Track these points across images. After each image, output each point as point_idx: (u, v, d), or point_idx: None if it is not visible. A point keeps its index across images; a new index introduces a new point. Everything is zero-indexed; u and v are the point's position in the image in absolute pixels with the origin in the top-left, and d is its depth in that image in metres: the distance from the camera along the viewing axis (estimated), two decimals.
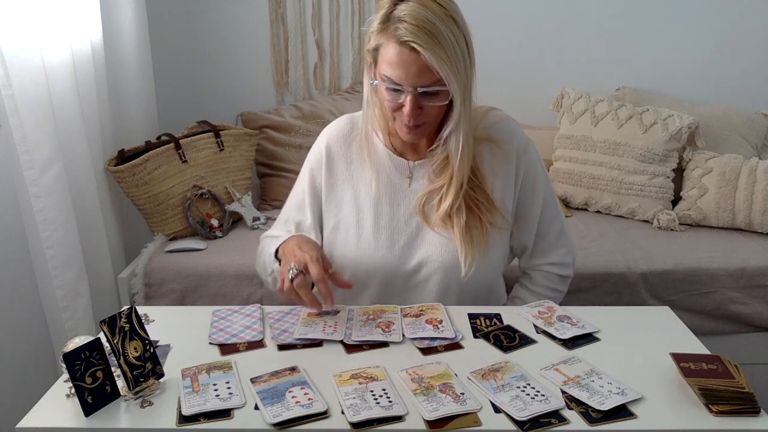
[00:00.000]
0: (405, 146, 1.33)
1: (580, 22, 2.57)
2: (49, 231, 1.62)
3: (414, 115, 1.17)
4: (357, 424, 0.89)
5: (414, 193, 1.31)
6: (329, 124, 1.40)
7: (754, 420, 0.91)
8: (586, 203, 2.33)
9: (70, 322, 1.70)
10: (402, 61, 1.13)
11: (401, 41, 1.12)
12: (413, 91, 1.15)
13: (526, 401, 0.94)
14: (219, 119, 2.36)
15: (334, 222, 1.34)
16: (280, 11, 2.54)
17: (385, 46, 1.16)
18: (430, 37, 1.11)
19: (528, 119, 2.62)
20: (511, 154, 1.30)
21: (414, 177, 1.32)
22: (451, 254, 1.27)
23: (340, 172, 1.35)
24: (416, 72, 1.14)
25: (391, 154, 1.33)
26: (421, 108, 1.18)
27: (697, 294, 1.91)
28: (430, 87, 1.15)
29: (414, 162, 1.32)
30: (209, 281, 1.88)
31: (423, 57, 1.11)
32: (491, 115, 1.33)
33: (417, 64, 1.13)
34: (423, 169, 1.32)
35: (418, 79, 1.14)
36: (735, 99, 2.54)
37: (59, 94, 1.69)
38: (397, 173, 1.33)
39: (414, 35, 1.10)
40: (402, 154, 1.34)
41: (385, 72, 1.17)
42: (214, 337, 1.14)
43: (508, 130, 1.32)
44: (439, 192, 1.27)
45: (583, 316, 1.20)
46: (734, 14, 2.54)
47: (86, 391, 0.92)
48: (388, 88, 1.18)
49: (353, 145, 1.34)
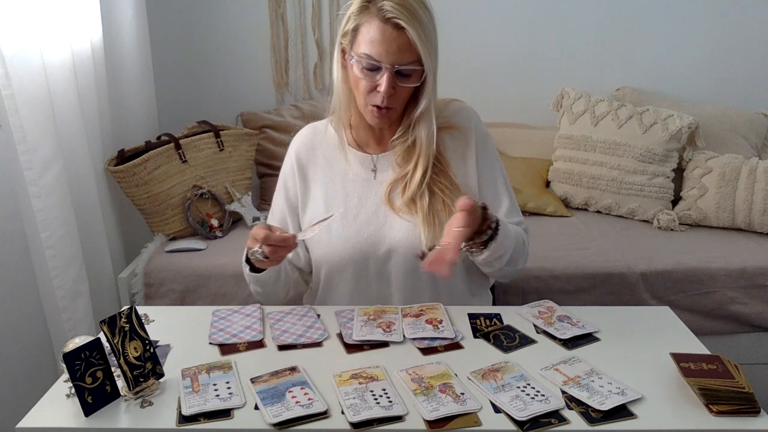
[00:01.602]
0: (369, 138, 1.37)
1: (580, 22, 2.57)
2: (49, 231, 1.62)
3: (389, 94, 1.22)
4: (357, 424, 0.89)
5: (380, 185, 1.34)
6: (293, 140, 1.44)
7: (754, 420, 0.91)
8: (586, 203, 2.33)
9: (70, 322, 1.70)
10: (384, 38, 1.18)
11: (385, 18, 1.18)
12: (391, 69, 1.20)
13: (526, 401, 0.94)
14: (219, 119, 2.36)
15: (307, 222, 1.37)
16: (280, 11, 2.54)
17: (366, 25, 1.20)
18: (412, 16, 1.17)
19: (528, 119, 2.63)
20: (471, 139, 1.35)
21: (378, 169, 1.36)
22: (417, 238, 1.29)
23: (310, 176, 1.39)
24: (397, 49, 1.19)
25: (354, 150, 1.37)
26: (394, 89, 1.22)
27: (697, 294, 1.91)
28: (407, 66, 1.20)
29: (377, 155, 1.36)
30: (209, 281, 1.88)
31: (408, 33, 1.17)
32: (453, 105, 1.39)
33: (398, 41, 1.18)
34: (386, 160, 1.36)
35: (397, 57, 1.19)
36: (735, 99, 2.54)
37: (59, 94, 1.69)
38: (361, 168, 1.36)
39: (399, 12, 1.17)
40: (364, 149, 1.37)
41: (364, 50, 1.20)
42: (214, 337, 1.14)
43: (468, 116, 1.38)
44: (404, 179, 1.31)
45: (583, 316, 1.20)
46: (734, 14, 2.54)
47: (86, 391, 0.92)
48: (364, 67, 1.21)
49: (318, 150, 1.39)
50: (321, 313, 1.23)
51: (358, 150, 1.37)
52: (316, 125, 1.43)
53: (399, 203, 1.31)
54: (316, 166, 1.38)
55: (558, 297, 1.67)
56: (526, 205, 2.26)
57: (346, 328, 1.16)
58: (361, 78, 1.22)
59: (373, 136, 1.36)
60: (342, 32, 1.25)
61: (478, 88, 2.63)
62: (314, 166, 1.39)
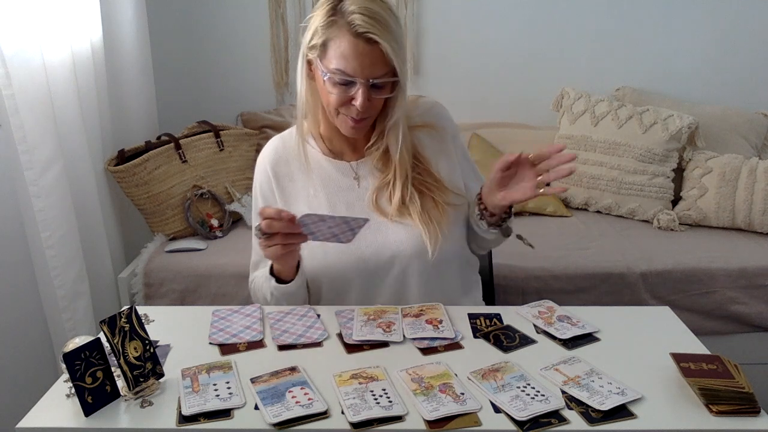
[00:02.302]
0: (343, 146, 1.35)
1: (580, 22, 2.57)
2: (49, 231, 1.62)
3: (365, 107, 1.20)
4: (357, 424, 0.89)
5: (364, 192, 1.33)
6: (261, 152, 1.40)
7: (754, 420, 0.91)
8: (586, 203, 2.33)
9: (70, 322, 1.70)
10: (358, 53, 1.15)
11: (357, 33, 1.14)
12: (366, 83, 1.18)
13: (526, 401, 0.94)
14: (219, 119, 2.36)
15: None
16: (280, 11, 2.54)
17: (336, 39, 1.17)
18: (384, 28, 1.15)
19: (528, 119, 2.63)
20: (447, 135, 1.37)
21: (360, 176, 1.34)
22: (418, 238, 1.28)
23: (288, 190, 1.34)
24: (370, 63, 1.16)
25: (330, 159, 1.34)
26: (369, 101, 1.20)
27: (697, 294, 1.91)
28: (382, 78, 1.18)
29: (355, 162, 1.35)
30: (209, 281, 1.88)
31: (381, 47, 1.15)
32: (422, 102, 1.39)
33: (372, 55, 1.16)
34: (365, 167, 1.34)
35: (371, 70, 1.17)
36: (735, 99, 2.54)
37: (59, 94, 1.69)
38: (342, 177, 1.34)
39: (371, 26, 1.14)
40: (340, 157, 1.35)
41: (336, 66, 1.17)
42: (214, 337, 1.14)
43: (440, 114, 1.38)
44: (388, 185, 1.30)
45: (583, 316, 1.20)
46: (734, 14, 2.54)
47: (86, 391, 0.92)
48: (337, 82, 1.19)
49: (292, 162, 1.35)
50: (321, 313, 1.23)
51: (335, 159, 1.35)
52: (283, 136, 1.38)
53: (389, 209, 1.29)
54: (294, 180, 1.34)
55: (558, 297, 1.66)
56: (526, 205, 2.26)
57: (346, 328, 1.16)
58: (334, 93, 1.20)
59: (347, 144, 1.34)
60: (308, 45, 1.21)
61: (478, 88, 2.63)
62: (291, 180, 1.34)
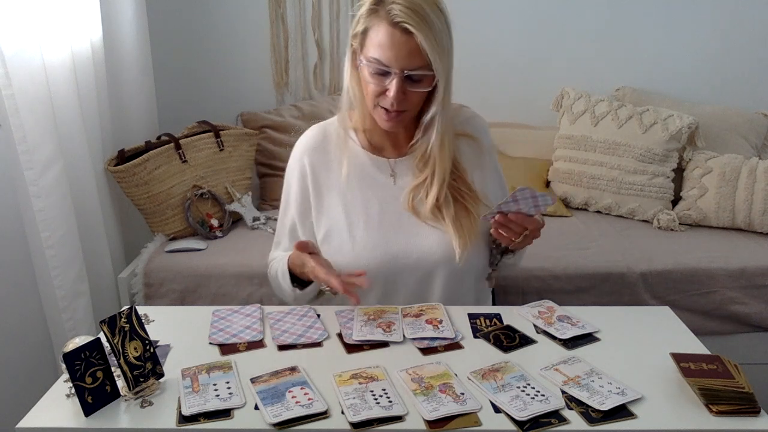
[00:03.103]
0: (384, 142, 1.35)
1: (580, 22, 2.57)
2: (49, 231, 1.62)
3: (398, 99, 1.19)
4: (357, 424, 0.89)
5: (400, 191, 1.32)
6: (300, 138, 1.39)
7: (754, 420, 0.91)
8: (586, 203, 2.33)
9: (70, 322, 1.70)
10: (393, 43, 1.16)
11: (394, 22, 1.15)
12: (400, 74, 1.18)
13: (526, 401, 0.94)
14: (219, 119, 2.36)
15: (325, 231, 1.33)
16: (280, 11, 2.54)
17: (375, 28, 1.18)
18: (422, 20, 1.15)
19: (528, 119, 2.62)
20: (484, 149, 1.37)
21: (397, 174, 1.34)
22: (448, 245, 1.28)
23: (323, 181, 1.34)
24: (406, 54, 1.16)
25: (369, 154, 1.34)
26: (405, 93, 1.20)
27: (697, 294, 1.91)
28: (417, 71, 1.18)
29: (395, 159, 1.34)
30: (209, 281, 1.88)
31: (416, 38, 1.14)
32: (464, 112, 1.39)
33: (408, 46, 1.16)
34: (405, 165, 1.33)
35: (407, 62, 1.17)
36: (735, 99, 2.54)
37: (59, 94, 1.69)
38: (379, 173, 1.34)
39: (408, 16, 1.14)
40: (381, 153, 1.35)
41: (373, 54, 1.18)
42: (214, 337, 1.14)
43: (480, 126, 1.39)
44: (424, 185, 1.30)
45: (583, 316, 1.20)
46: (734, 14, 2.54)
47: (86, 391, 0.92)
48: (374, 72, 1.19)
49: (331, 152, 1.34)
50: (321, 313, 1.23)
51: (374, 154, 1.34)
52: (325, 126, 1.37)
53: (424, 210, 1.29)
54: (330, 170, 1.33)
55: (558, 297, 1.66)
56: None
57: (346, 328, 1.16)
58: (371, 82, 1.21)
59: (389, 139, 1.34)
60: (352, 33, 1.23)
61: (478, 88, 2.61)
62: (328, 170, 1.33)
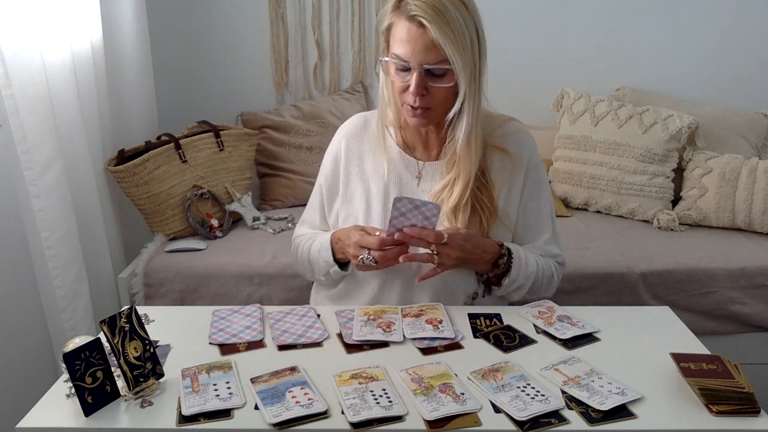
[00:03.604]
0: (416, 142, 1.34)
1: (580, 22, 2.57)
2: (49, 231, 1.62)
3: (419, 94, 1.19)
4: (357, 424, 0.89)
5: (423, 193, 1.32)
6: (345, 122, 1.42)
7: (754, 420, 0.91)
8: (586, 203, 2.33)
9: (70, 322, 1.70)
10: (410, 37, 1.16)
11: (410, 16, 1.15)
12: (419, 68, 1.17)
13: (526, 401, 0.94)
14: (219, 119, 2.35)
15: (345, 214, 1.36)
16: (280, 11, 2.54)
17: (396, 23, 1.19)
18: (437, 14, 1.14)
19: (528, 119, 2.60)
20: (521, 166, 1.31)
21: (423, 177, 1.33)
22: None
23: (353, 167, 1.37)
24: (422, 48, 1.16)
25: (401, 152, 1.35)
26: (427, 89, 1.19)
27: (697, 294, 1.91)
28: (435, 65, 1.17)
29: (424, 162, 1.34)
30: (209, 281, 1.88)
31: (429, 32, 1.14)
32: (509, 125, 1.35)
33: (423, 39, 1.15)
34: (433, 169, 1.33)
35: (424, 56, 1.16)
36: (735, 99, 2.54)
37: (59, 94, 1.69)
38: (406, 172, 1.34)
39: (422, 10, 1.14)
40: (413, 152, 1.35)
41: (395, 50, 1.19)
42: (214, 337, 1.14)
43: (523, 142, 1.33)
44: (448, 186, 1.28)
45: (583, 316, 1.20)
46: (734, 14, 2.54)
47: (86, 391, 0.92)
48: (397, 68, 1.20)
49: (365, 142, 1.37)
50: (321, 313, 1.23)
51: (407, 153, 1.35)
52: (366, 116, 1.41)
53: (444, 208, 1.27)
54: (363, 160, 1.36)
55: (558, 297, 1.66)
56: None
57: (346, 328, 1.16)
58: (395, 78, 1.22)
59: (420, 140, 1.34)
60: (382, 30, 1.24)
61: None
62: (359, 158, 1.36)
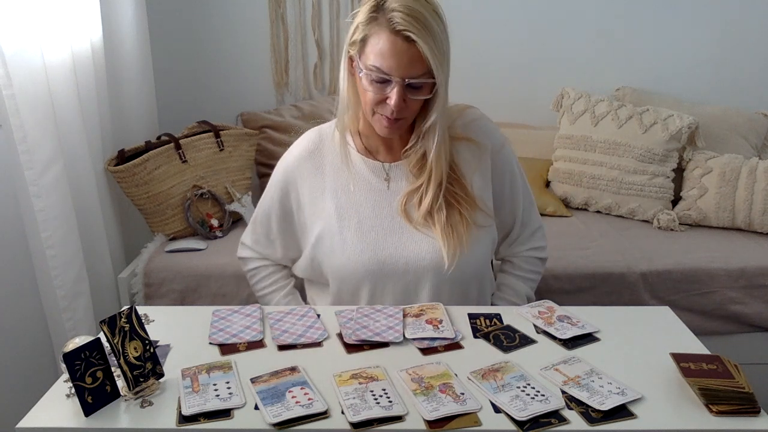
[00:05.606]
0: (379, 146, 1.33)
1: (580, 22, 2.57)
2: (49, 231, 1.62)
3: (399, 107, 1.18)
4: (357, 424, 0.89)
5: (394, 195, 1.31)
6: (295, 143, 1.40)
7: (754, 420, 0.91)
8: (586, 203, 2.33)
9: (70, 322, 1.70)
10: (395, 51, 1.14)
11: (396, 30, 1.13)
12: (401, 82, 1.16)
13: (526, 401, 0.94)
14: (219, 119, 2.35)
15: (318, 233, 1.32)
16: (280, 11, 2.54)
17: (375, 36, 1.16)
18: (423, 27, 1.13)
19: (528, 119, 2.63)
20: (487, 152, 1.33)
21: (392, 179, 1.32)
22: (438, 252, 1.27)
23: (317, 184, 1.34)
24: (408, 62, 1.15)
25: (364, 158, 1.33)
26: (405, 101, 1.19)
27: (697, 294, 1.91)
28: (418, 78, 1.17)
29: (389, 164, 1.33)
30: (209, 281, 1.88)
31: (418, 46, 1.13)
32: (468, 113, 1.36)
33: (409, 54, 1.14)
34: (400, 170, 1.32)
35: (408, 70, 1.16)
36: (735, 99, 2.54)
37: (59, 94, 1.69)
38: (374, 176, 1.32)
39: (410, 24, 1.12)
40: (375, 156, 1.34)
41: (373, 63, 1.16)
42: (214, 337, 1.14)
43: (485, 128, 1.35)
44: (419, 191, 1.28)
45: (583, 316, 1.20)
46: (734, 14, 2.54)
47: (86, 391, 0.92)
48: (374, 79, 1.18)
49: (326, 156, 1.34)
50: (321, 313, 1.23)
51: (369, 157, 1.33)
52: (322, 129, 1.38)
53: (415, 216, 1.28)
54: (324, 174, 1.33)
55: (558, 297, 1.67)
56: None
57: (346, 328, 1.16)
58: (370, 90, 1.19)
59: (383, 143, 1.33)
60: (350, 41, 1.21)
61: (478, 88, 2.61)
62: (322, 174, 1.33)
